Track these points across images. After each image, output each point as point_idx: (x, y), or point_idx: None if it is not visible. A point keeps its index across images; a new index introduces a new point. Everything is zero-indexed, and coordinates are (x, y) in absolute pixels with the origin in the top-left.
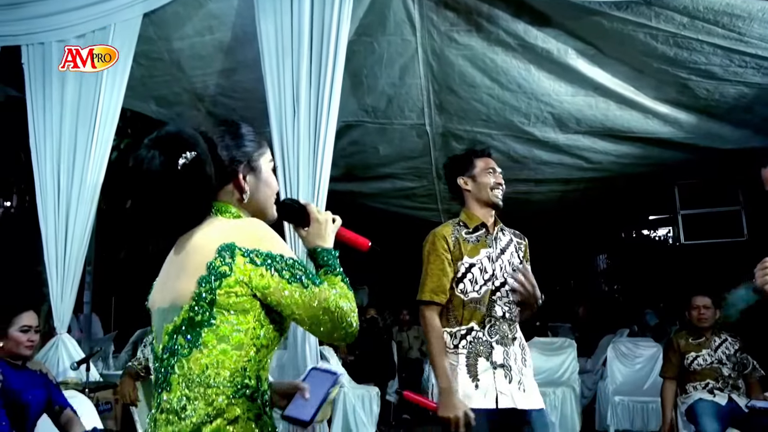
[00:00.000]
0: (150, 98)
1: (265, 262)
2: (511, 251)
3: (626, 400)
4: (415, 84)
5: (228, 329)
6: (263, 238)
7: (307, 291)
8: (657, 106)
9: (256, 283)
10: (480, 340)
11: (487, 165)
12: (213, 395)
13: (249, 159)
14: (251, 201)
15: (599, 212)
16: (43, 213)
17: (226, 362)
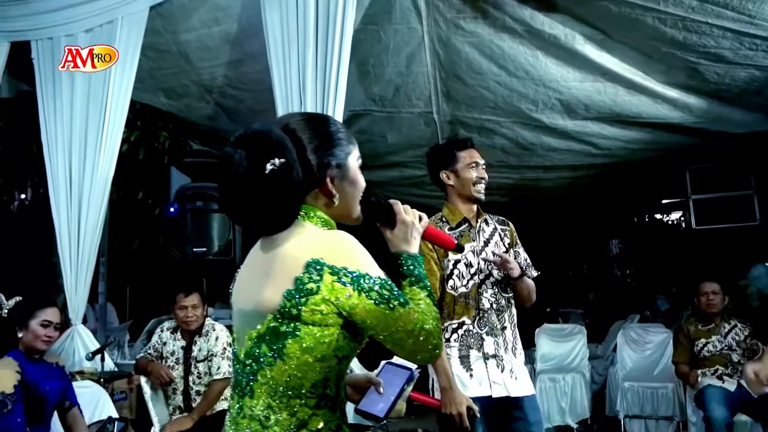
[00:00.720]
0: (159, 90)
1: (353, 281)
2: (495, 241)
3: (636, 385)
4: (422, 72)
5: (312, 341)
6: (352, 255)
7: (393, 313)
8: (666, 91)
9: (342, 303)
10: (471, 333)
11: (471, 159)
12: (296, 406)
13: (338, 162)
14: (339, 204)
15: (611, 197)
16: (56, 205)
17: (309, 373)
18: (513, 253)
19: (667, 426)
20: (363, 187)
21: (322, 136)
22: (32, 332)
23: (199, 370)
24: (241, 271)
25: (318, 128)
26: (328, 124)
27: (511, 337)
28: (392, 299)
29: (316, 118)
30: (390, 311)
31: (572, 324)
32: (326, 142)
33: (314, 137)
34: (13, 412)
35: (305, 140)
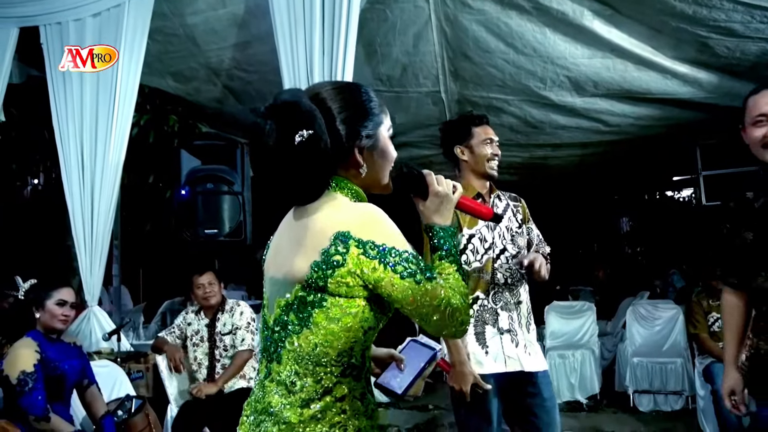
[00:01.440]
0: (167, 74)
1: (379, 255)
2: (509, 216)
3: (645, 361)
4: (429, 51)
5: (338, 312)
6: (379, 228)
7: (419, 287)
8: (676, 66)
9: (368, 276)
10: (486, 308)
11: (486, 135)
12: (322, 373)
13: (366, 131)
14: (369, 174)
15: (621, 175)
16: (69, 190)
17: (335, 342)
18: (525, 229)
19: (675, 400)
20: (393, 158)
21: (352, 106)
22: (49, 312)
23: (225, 343)
24: (274, 240)
25: (348, 98)
26: (360, 93)
27: (525, 312)
28: (418, 273)
29: (347, 87)
30: (416, 285)
31: (582, 301)
32: (356, 112)
33: (344, 107)
34: (34, 390)
35: (335, 110)
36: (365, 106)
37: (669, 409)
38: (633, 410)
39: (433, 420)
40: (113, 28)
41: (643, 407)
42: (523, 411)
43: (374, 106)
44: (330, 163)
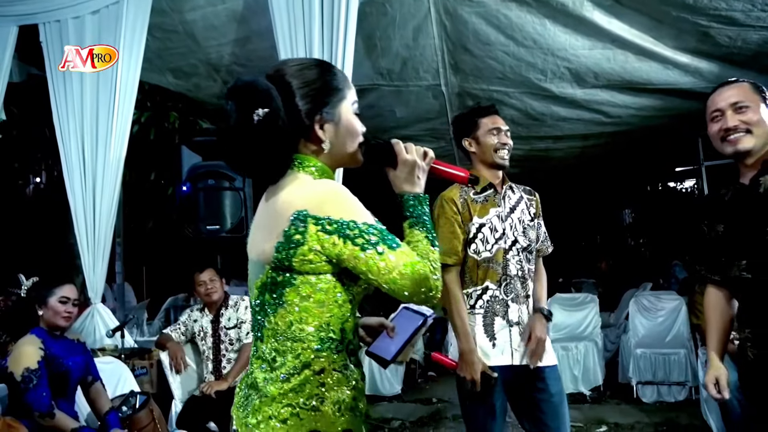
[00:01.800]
0: (167, 70)
1: (337, 230)
2: (522, 209)
3: (648, 352)
4: (429, 44)
5: (309, 289)
6: (336, 203)
7: (381, 257)
8: (677, 56)
9: (329, 251)
10: (497, 299)
11: (491, 125)
12: (299, 349)
13: (325, 107)
14: (332, 150)
15: (623, 166)
16: (71, 188)
17: (309, 318)
18: (536, 224)
19: (679, 391)
20: (359, 132)
21: (311, 82)
22: (52, 309)
23: (230, 337)
24: (253, 222)
25: (309, 74)
26: (321, 69)
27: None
28: (380, 243)
29: (309, 65)
30: (378, 255)
31: (584, 293)
32: (316, 88)
33: (304, 84)
34: (38, 386)
35: (294, 86)
36: (326, 82)
37: (672, 400)
38: (636, 401)
39: (437, 413)
40: (112, 25)
41: (646, 398)
42: (530, 405)
43: (336, 82)
44: (290, 139)
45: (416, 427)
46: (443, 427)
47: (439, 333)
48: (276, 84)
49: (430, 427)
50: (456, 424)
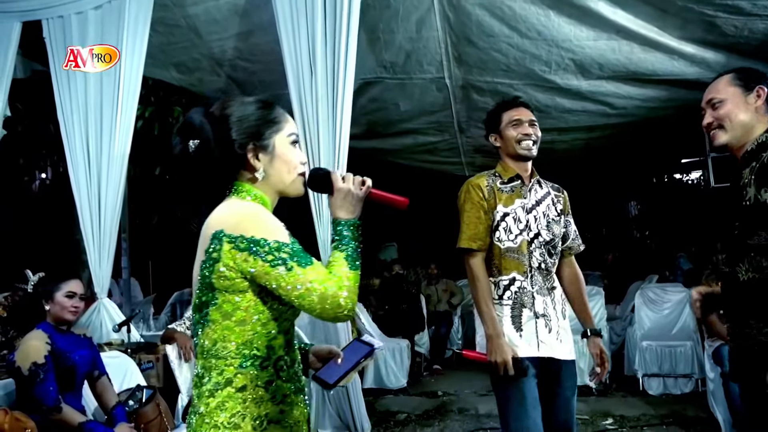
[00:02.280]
0: (170, 65)
1: (248, 247)
2: (548, 204)
3: (654, 344)
4: (432, 37)
5: (230, 307)
6: (250, 223)
7: (290, 273)
8: (682, 47)
9: (242, 268)
10: (524, 291)
11: (512, 117)
12: (222, 366)
13: (258, 139)
14: (268, 179)
15: (628, 158)
16: (76, 183)
17: (231, 336)
18: (564, 222)
19: (685, 383)
20: (295, 162)
21: (246, 116)
22: (58, 304)
23: None
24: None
25: (245, 109)
26: (258, 105)
27: (560, 297)
28: (289, 261)
29: (248, 101)
30: (287, 272)
31: (590, 286)
32: (250, 121)
33: (239, 118)
34: (45, 380)
35: (231, 120)
36: (261, 116)
37: (679, 392)
38: (642, 394)
39: (442, 406)
40: (115, 20)
41: (652, 391)
42: (544, 396)
43: (272, 116)
44: (224, 168)
45: (422, 419)
46: (449, 419)
47: (444, 327)
48: (213, 118)
49: (435, 420)
50: (462, 417)
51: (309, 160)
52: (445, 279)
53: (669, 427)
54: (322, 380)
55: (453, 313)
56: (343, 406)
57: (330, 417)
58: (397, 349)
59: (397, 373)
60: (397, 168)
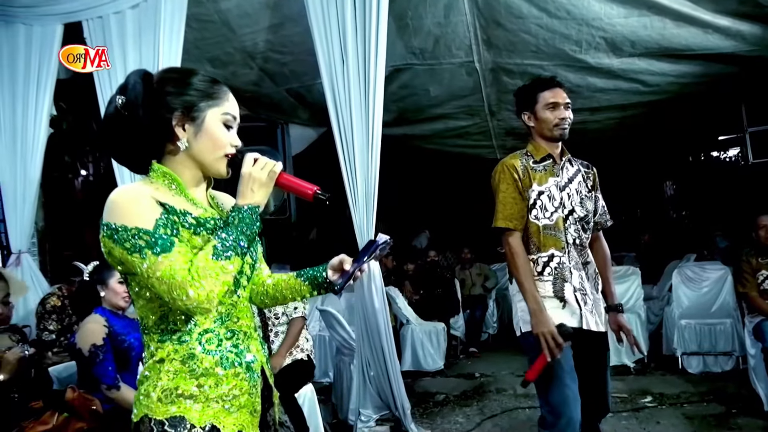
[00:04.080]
0: (204, 60)
1: (111, 234)
2: (579, 180)
3: (693, 323)
4: (461, 21)
5: (135, 288)
6: (117, 210)
7: (144, 261)
8: (717, 20)
9: (114, 255)
10: (564, 266)
11: (549, 100)
12: (148, 340)
13: (188, 107)
14: (190, 151)
15: (662, 137)
16: (120, 177)
17: (148, 313)
18: (594, 197)
19: (726, 361)
20: (224, 142)
21: (180, 84)
22: (112, 290)
23: (275, 312)
24: None
25: (181, 77)
26: (200, 77)
27: (593, 273)
28: (145, 248)
29: (188, 70)
30: (142, 259)
31: (625, 266)
32: (182, 89)
33: (177, 83)
34: (104, 361)
35: (168, 84)
36: (200, 87)
37: (719, 370)
38: (682, 372)
39: (480, 387)
40: (151, 18)
41: (692, 369)
42: (581, 367)
43: (212, 90)
44: (145, 129)
45: (460, 400)
46: (487, 399)
47: (479, 310)
48: (149, 79)
49: (474, 400)
50: (499, 397)
51: (343, 149)
52: (478, 263)
53: (709, 404)
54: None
55: (487, 296)
56: (384, 387)
57: (371, 397)
58: (434, 332)
59: (434, 356)
60: (428, 153)
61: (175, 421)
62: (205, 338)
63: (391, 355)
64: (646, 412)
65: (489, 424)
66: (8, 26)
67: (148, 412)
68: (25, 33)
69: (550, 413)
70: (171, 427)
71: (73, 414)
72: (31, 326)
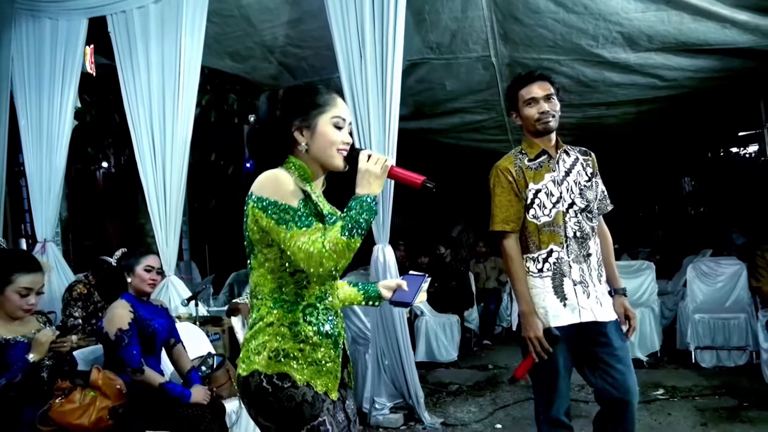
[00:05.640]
0: (225, 54)
1: (263, 207)
2: (577, 170)
3: (707, 317)
4: (477, 16)
5: (262, 258)
6: (269, 186)
7: (289, 233)
8: (735, 14)
9: (261, 224)
10: (562, 261)
11: (526, 97)
12: (260, 304)
13: (303, 118)
14: (311, 153)
15: (680, 132)
16: (143, 168)
17: (265, 282)
18: (594, 183)
19: (739, 356)
20: (335, 140)
21: (295, 100)
22: (138, 276)
23: None
24: None
25: (296, 93)
26: (309, 90)
27: (596, 264)
28: (291, 222)
29: (302, 87)
30: (287, 231)
31: (641, 260)
32: (297, 104)
33: (289, 100)
34: (130, 345)
35: (283, 102)
36: (308, 99)
37: (732, 364)
38: (695, 366)
39: (493, 378)
40: (174, 13)
41: (705, 363)
42: (596, 361)
43: (318, 100)
44: (273, 139)
45: (473, 390)
46: (500, 390)
47: (493, 303)
48: (272, 98)
49: (486, 391)
50: (512, 388)
51: (360, 142)
52: (493, 257)
53: (722, 397)
54: (402, 302)
55: (502, 290)
56: (398, 376)
57: (386, 386)
58: (447, 324)
59: (448, 347)
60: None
61: (282, 377)
62: (308, 311)
63: (405, 345)
64: (658, 405)
65: (501, 413)
66: (35, 20)
67: (258, 368)
68: (51, 27)
69: (541, 402)
70: (279, 380)
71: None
72: (56, 312)
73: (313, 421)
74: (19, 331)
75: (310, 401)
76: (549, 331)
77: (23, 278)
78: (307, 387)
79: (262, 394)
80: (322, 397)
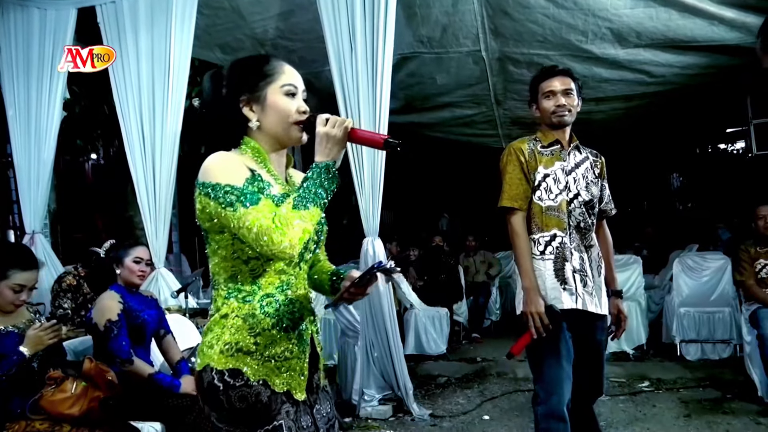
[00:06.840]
0: (215, 46)
1: (207, 192)
2: (586, 167)
3: (692, 311)
4: (468, 10)
5: (215, 245)
6: (211, 170)
7: (236, 213)
8: (722, 11)
9: (208, 210)
10: (565, 246)
11: (545, 89)
12: (216, 296)
13: (250, 91)
14: (264, 128)
15: (668, 128)
16: (133, 161)
17: (220, 271)
18: (601, 185)
19: (723, 349)
20: (285, 110)
21: (239, 72)
22: (127, 268)
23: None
24: None
25: (240, 66)
26: (252, 61)
27: (596, 256)
28: (237, 202)
29: (245, 59)
30: (233, 212)
31: (627, 255)
32: (240, 79)
33: (231, 74)
34: (119, 336)
35: (226, 77)
36: (253, 71)
37: (717, 357)
38: (680, 359)
39: (482, 370)
40: (164, 4)
41: (690, 356)
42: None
43: (263, 70)
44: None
45: (462, 382)
46: (488, 382)
47: (482, 297)
48: (215, 77)
49: (475, 383)
50: (500, 381)
51: None
52: (482, 251)
53: (706, 389)
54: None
55: (491, 283)
56: (387, 368)
57: (375, 378)
58: (437, 317)
59: (437, 340)
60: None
61: (235, 373)
62: (266, 301)
63: (394, 337)
64: (643, 396)
65: (489, 405)
66: (23, 10)
67: (210, 362)
68: (39, 17)
69: (542, 390)
70: (230, 377)
71: (90, 383)
72: (45, 303)
73: (267, 425)
74: (10, 321)
75: (264, 402)
76: (550, 308)
77: (18, 275)
78: (263, 386)
79: (213, 392)
80: (282, 398)
